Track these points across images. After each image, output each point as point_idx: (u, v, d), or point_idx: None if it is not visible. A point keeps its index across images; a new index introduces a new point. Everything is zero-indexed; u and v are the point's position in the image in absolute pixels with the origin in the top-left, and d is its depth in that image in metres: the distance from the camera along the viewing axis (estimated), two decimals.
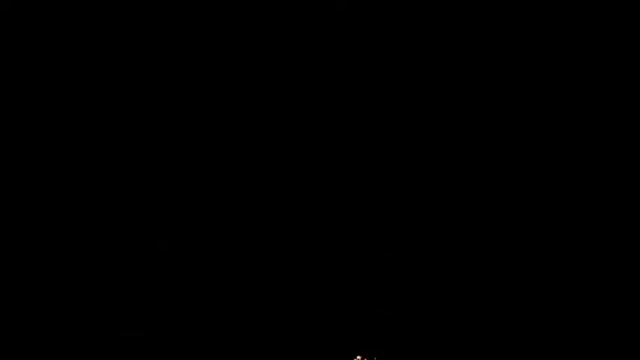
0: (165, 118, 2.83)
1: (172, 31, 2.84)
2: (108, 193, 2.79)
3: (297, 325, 2.72)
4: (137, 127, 2.82)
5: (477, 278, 2.73)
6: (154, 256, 2.76)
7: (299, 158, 2.82)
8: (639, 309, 2.65)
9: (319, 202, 2.80)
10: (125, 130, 2.82)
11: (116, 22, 2.83)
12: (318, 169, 2.82)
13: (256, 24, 2.84)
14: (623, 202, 2.72)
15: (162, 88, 2.83)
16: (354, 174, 2.82)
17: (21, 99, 2.80)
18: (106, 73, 2.82)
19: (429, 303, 2.74)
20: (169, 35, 2.84)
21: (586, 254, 2.71)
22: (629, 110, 2.76)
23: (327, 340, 2.71)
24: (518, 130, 2.79)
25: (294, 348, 2.70)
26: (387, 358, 2.70)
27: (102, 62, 2.83)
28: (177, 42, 2.84)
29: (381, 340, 2.71)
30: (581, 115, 2.78)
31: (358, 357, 2.68)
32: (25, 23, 2.80)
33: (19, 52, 2.80)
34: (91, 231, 2.76)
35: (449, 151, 2.81)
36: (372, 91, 2.84)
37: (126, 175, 2.80)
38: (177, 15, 2.84)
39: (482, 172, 2.79)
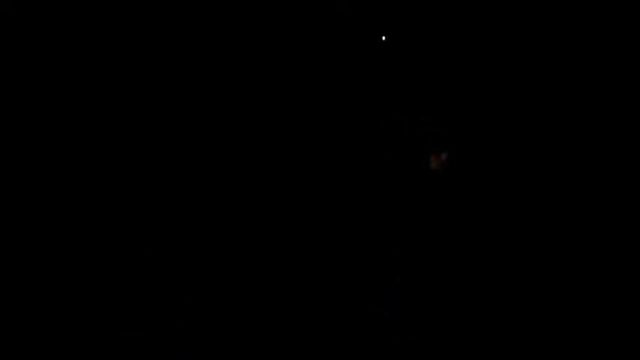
0: (166, 118, 2.83)
1: (172, 31, 2.84)
2: (108, 192, 2.79)
3: (297, 325, 2.72)
4: (137, 127, 2.82)
5: (477, 278, 2.74)
6: (154, 256, 2.76)
7: (299, 158, 2.82)
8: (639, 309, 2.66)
9: (319, 202, 2.80)
10: (125, 130, 2.82)
11: (116, 22, 2.83)
12: (318, 169, 2.82)
13: (256, 24, 2.84)
14: (623, 202, 2.72)
15: (161, 87, 2.84)
16: (353, 174, 2.82)
17: (21, 99, 2.80)
18: (106, 73, 2.83)
19: (429, 303, 2.74)
20: (169, 35, 2.84)
21: (586, 254, 2.71)
22: (630, 110, 2.76)
23: (327, 340, 2.71)
24: (517, 129, 2.79)
25: (294, 348, 2.70)
26: (388, 358, 2.70)
27: (102, 62, 2.83)
28: (177, 42, 2.84)
29: (381, 340, 2.71)
30: (580, 114, 2.78)
31: None
32: (25, 23, 2.81)
33: (19, 52, 2.80)
34: (91, 231, 2.76)
35: (449, 151, 2.81)
36: (372, 91, 2.84)
37: (126, 175, 2.80)
38: (177, 15, 2.84)
39: (482, 172, 2.79)
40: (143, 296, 2.73)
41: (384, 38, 2.41)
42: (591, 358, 2.65)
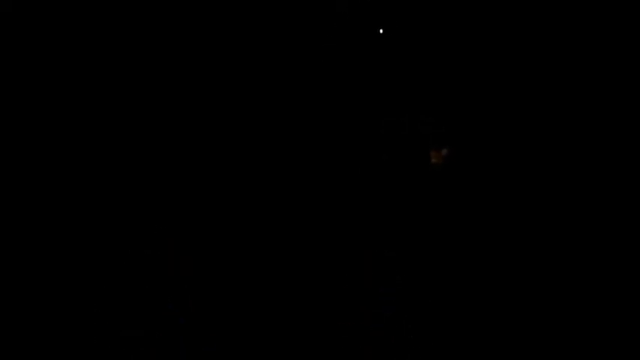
0: (166, 118, 2.83)
1: (172, 31, 2.84)
2: (108, 192, 2.79)
3: (297, 325, 2.72)
4: (137, 126, 2.82)
5: (477, 278, 2.73)
6: (154, 256, 2.76)
7: (299, 158, 2.82)
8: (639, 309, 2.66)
9: (319, 202, 2.80)
10: (125, 130, 2.82)
11: (116, 22, 2.83)
12: (318, 169, 2.82)
13: (256, 24, 2.84)
14: (620, 197, 2.72)
15: (161, 87, 2.83)
16: (353, 174, 2.81)
17: (21, 99, 2.80)
18: (106, 73, 2.83)
19: (429, 303, 2.74)
20: (169, 35, 2.84)
21: (586, 254, 2.71)
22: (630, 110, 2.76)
23: (327, 340, 2.71)
24: (517, 129, 2.79)
25: (294, 348, 2.70)
26: (388, 358, 2.70)
27: (102, 62, 2.83)
28: (177, 42, 2.84)
29: (381, 340, 2.71)
30: (579, 114, 2.78)
31: None
32: (25, 23, 2.81)
33: (19, 52, 2.80)
34: (91, 231, 2.76)
35: (449, 150, 2.81)
36: (372, 91, 2.84)
37: (126, 175, 2.80)
38: (177, 15, 2.84)
39: (481, 172, 2.79)
40: (143, 296, 2.73)
41: (381, 31, 2.41)
42: (591, 358, 2.64)
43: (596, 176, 2.73)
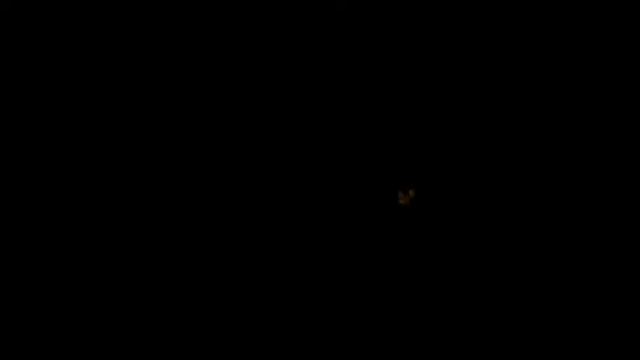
0: (166, 118, 2.83)
1: (172, 31, 2.84)
2: (108, 192, 2.79)
3: (298, 325, 2.72)
4: (137, 126, 2.82)
5: (477, 278, 2.74)
6: (154, 255, 2.76)
7: (299, 158, 2.82)
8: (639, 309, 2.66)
9: (319, 202, 2.80)
10: (125, 130, 2.82)
11: (116, 22, 2.83)
12: (318, 168, 2.82)
13: (256, 24, 2.84)
14: (622, 202, 2.73)
15: (162, 87, 2.84)
16: (353, 173, 2.82)
17: (21, 99, 2.80)
18: (106, 73, 2.83)
19: (429, 303, 2.74)
20: (169, 35, 2.84)
21: (586, 254, 2.71)
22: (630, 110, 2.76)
23: (327, 340, 2.71)
24: (517, 129, 2.79)
25: (295, 348, 2.70)
26: (388, 357, 2.70)
27: (102, 62, 2.83)
28: (177, 42, 2.84)
29: (381, 339, 2.71)
30: (580, 114, 2.78)
31: None
32: (25, 23, 2.81)
33: (19, 52, 2.80)
34: (91, 231, 2.76)
35: (449, 150, 2.81)
36: (372, 90, 2.84)
37: (126, 174, 2.80)
38: (177, 15, 2.84)
39: (482, 172, 2.79)
40: (143, 296, 2.73)
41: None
42: (591, 358, 2.65)
43: (580, 208, 2.74)
